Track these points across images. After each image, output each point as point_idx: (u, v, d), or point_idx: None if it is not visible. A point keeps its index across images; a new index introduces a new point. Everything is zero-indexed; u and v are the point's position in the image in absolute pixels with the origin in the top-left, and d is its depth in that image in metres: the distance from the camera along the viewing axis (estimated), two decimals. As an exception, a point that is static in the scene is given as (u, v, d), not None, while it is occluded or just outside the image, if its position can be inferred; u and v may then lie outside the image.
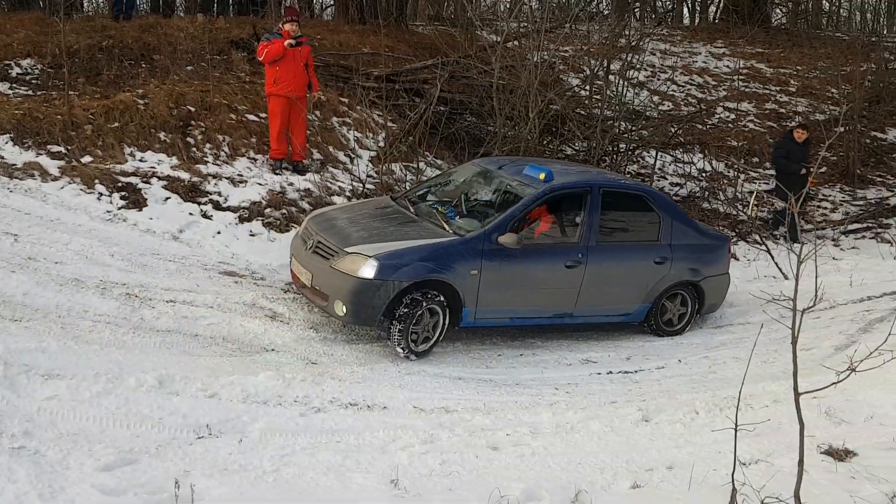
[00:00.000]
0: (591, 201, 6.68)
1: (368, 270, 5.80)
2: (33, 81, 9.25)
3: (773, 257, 9.19)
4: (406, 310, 5.89)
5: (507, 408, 5.28)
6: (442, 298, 6.03)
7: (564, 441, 4.78)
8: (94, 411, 4.29)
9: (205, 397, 4.74)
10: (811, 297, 4.81)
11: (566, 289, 6.61)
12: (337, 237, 6.21)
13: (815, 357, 6.06)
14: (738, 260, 9.37)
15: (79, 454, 3.89)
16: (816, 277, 3.57)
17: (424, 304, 5.94)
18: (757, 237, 10.13)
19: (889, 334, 4.01)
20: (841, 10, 25.51)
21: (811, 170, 9.83)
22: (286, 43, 8.43)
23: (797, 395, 3.47)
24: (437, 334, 6.13)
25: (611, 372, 6.30)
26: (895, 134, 14.42)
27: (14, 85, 9.10)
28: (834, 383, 3.49)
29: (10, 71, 9.32)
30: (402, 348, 5.98)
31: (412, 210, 6.79)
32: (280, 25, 8.77)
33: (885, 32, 19.92)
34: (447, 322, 6.14)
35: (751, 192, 11.18)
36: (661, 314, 7.23)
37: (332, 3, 20.75)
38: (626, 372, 6.31)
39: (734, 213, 10.98)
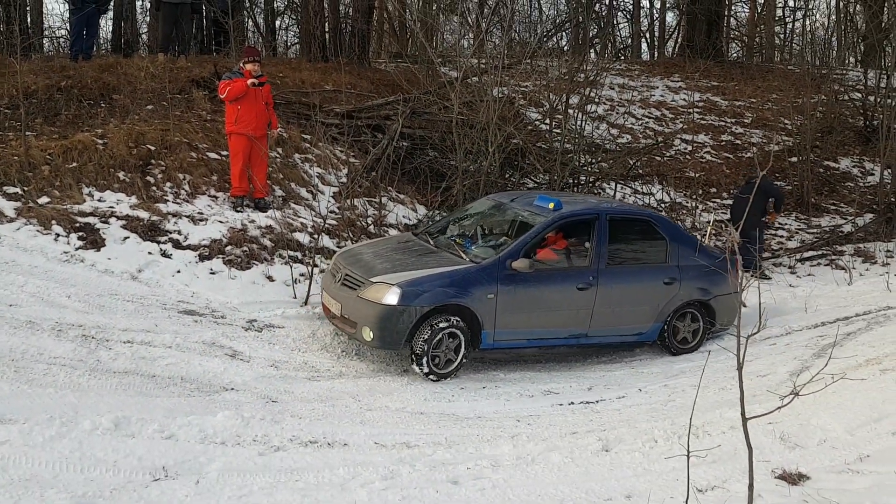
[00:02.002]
0: (599, 227, 7.13)
1: (392, 297, 6.30)
2: (-11, 122, 9.16)
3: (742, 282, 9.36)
4: (428, 333, 6.35)
5: (468, 441, 5.29)
6: (462, 322, 6.49)
7: (524, 473, 4.79)
8: (47, 456, 4.23)
9: (161, 439, 4.70)
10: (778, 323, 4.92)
11: (580, 310, 7.02)
12: (363, 269, 6.73)
13: (769, 383, 6.17)
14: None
15: (30, 500, 3.83)
16: (760, 305, 3.65)
17: (445, 327, 6.41)
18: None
19: (828, 359, 4.11)
20: (793, 44, 26.31)
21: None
22: (249, 82, 8.49)
23: (745, 420, 3.55)
24: (459, 357, 6.57)
25: (572, 402, 6.34)
26: (847, 163, 14.84)
27: (-30, 127, 9.01)
28: (778, 408, 3.58)
29: (-35, 113, 9.24)
30: (426, 371, 6.42)
31: (432, 242, 7.35)
32: (241, 65, 8.82)
33: (834, 66, 20.54)
34: (468, 345, 6.58)
35: (708, 222, 11.41)
36: (675, 333, 7.57)
37: (296, 41, 20.97)
38: (587, 402, 6.36)
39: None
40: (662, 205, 12.21)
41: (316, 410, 5.57)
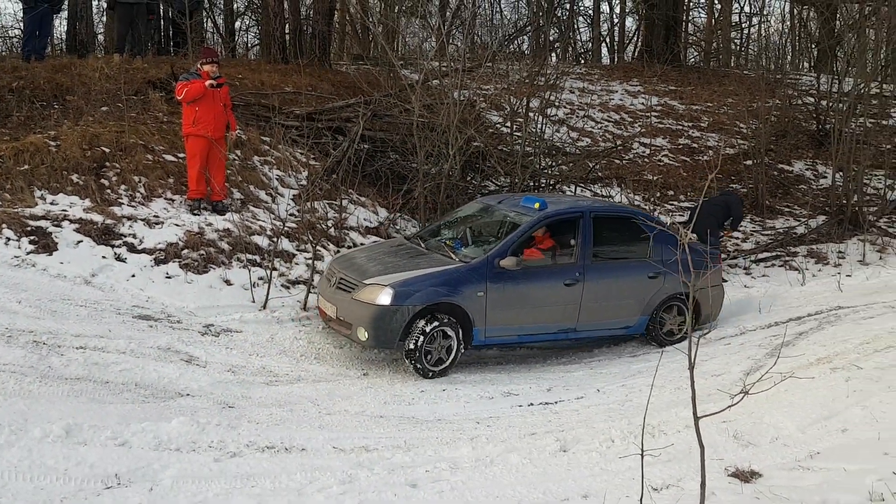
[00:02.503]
0: (583, 225, 7.40)
1: (385, 298, 6.56)
2: (-63, 124, 8.93)
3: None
4: (421, 332, 6.59)
5: (427, 444, 5.29)
6: (453, 320, 6.75)
7: (483, 475, 4.80)
8: (-6, 465, 4.12)
9: (115, 446, 4.62)
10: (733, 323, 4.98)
11: (567, 305, 7.28)
12: (356, 272, 6.98)
13: (723, 383, 6.27)
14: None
15: (-25, 511, 3.73)
16: (702, 308, 3.70)
17: (438, 326, 6.66)
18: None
19: (777, 359, 4.19)
20: (749, 50, 26.82)
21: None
22: (207, 83, 8.38)
23: (696, 419, 3.60)
24: (451, 354, 6.82)
25: (531, 403, 6.37)
26: (800, 166, 15.15)
27: (-84, 128, 8.77)
28: (728, 406, 3.65)
29: (-88, 114, 8.99)
30: (420, 368, 6.67)
31: (423, 246, 7.61)
32: (198, 66, 8.72)
33: (788, 71, 20.99)
34: (460, 342, 6.82)
35: (665, 224, 11.55)
36: (661, 326, 7.79)
37: (257, 43, 20.75)
38: (546, 403, 6.39)
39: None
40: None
41: (274, 415, 5.53)
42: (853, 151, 12.72)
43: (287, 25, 14.74)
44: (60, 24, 16.92)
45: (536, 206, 7.41)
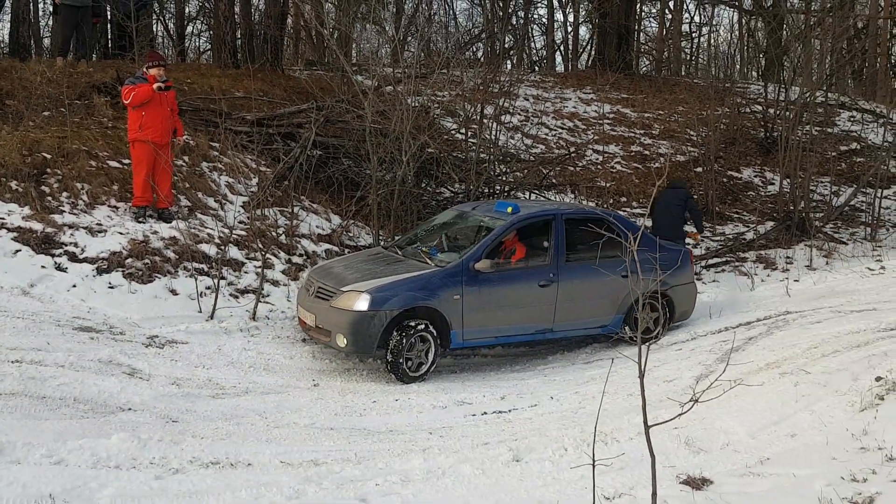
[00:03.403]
0: (556, 227, 7.57)
1: (362, 303, 6.67)
2: None
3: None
4: (398, 337, 6.71)
5: (378, 456, 5.18)
6: (431, 324, 6.85)
7: (434, 487, 4.71)
8: (-83, 488, 3.90)
9: (49, 464, 4.41)
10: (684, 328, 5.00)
11: (543, 306, 7.43)
12: (334, 280, 7.08)
13: (675, 388, 6.28)
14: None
15: None
16: (662, 311, 3.68)
17: (415, 330, 6.78)
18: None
19: (725, 366, 4.20)
20: (698, 59, 27.29)
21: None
22: (155, 86, 8.19)
23: (647, 428, 3.57)
24: (430, 359, 6.94)
25: (485, 413, 6.31)
26: (749, 173, 15.42)
27: None
28: (679, 415, 3.63)
29: None
30: (398, 374, 6.76)
31: (400, 253, 7.72)
32: (144, 70, 8.50)
33: (737, 79, 21.39)
34: (439, 345, 6.94)
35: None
36: (636, 324, 7.52)
37: (209, 48, 20.40)
38: (500, 412, 6.33)
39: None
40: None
41: (219, 430, 5.36)
42: (800, 159, 12.97)
43: (238, 29, 14.52)
44: (3, 27, 16.46)
45: (509, 210, 7.57)
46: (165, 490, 4.36)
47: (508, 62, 21.90)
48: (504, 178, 11.86)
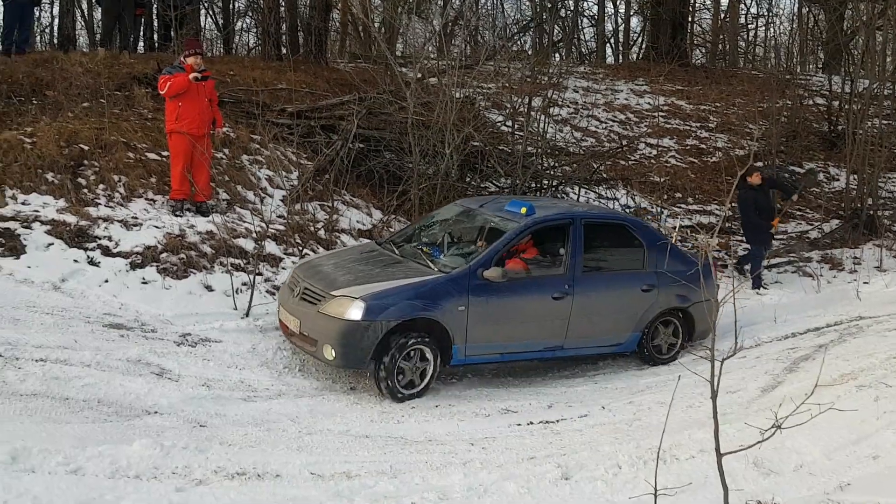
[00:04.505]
0: (573, 232, 6.75)
1: (356, 312, 5.86)
2: None
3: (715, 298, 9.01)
4: (395, 350, 5.91)
5: (415, 469, 4.81)
6: (430, 338, 6.08)
7: (475, 507, 4.33)
8: (-78, 498, 3.66)
9: (65, 473, 4.15)
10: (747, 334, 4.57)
11: (555, 321, 6.63)
12: (323, 282, 6.27)
13: (741, 400, 5.79)
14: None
15: None
16: (736, 326, 3.24)
17: (414, 343, 6.00)
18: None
19: (815, 386, 3.71)
20: (756, 49, 26.33)
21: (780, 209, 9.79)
22: (191, 76, 7.94)
23: (719, 456, 3.12)
24: (428, 375, 6.15)
25: (531, 422, 5.89)
26: (812, 168, 14.65)
27: None
28: (759, 442, 3.15)
29: None
30: (391, 391, 5.97)
31: (397, 252, 6.87)
32: (182, 59, 8.27)
33: (798, 70, 20.51)
34: (438, 361, 6.15)
35: (673, 228, 11.07)
36: (653, 343, 7.21)
37: (258, 44, 20.29)
38: (546, 422, 5.90)
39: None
40: (627, 210, 11.88)
41: (248, 436, 5.05)
42: (868, 153, 12.22)
43: (285, 23, 14.31)
44: (52, 19, 16.55)
45: (523, 210, 6.75)
46: (185, 504, 4.05)
47: (557, 54, 21.40)
48: (552, 173, 11.39)
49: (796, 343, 7.09)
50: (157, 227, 7.71)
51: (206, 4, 18.53)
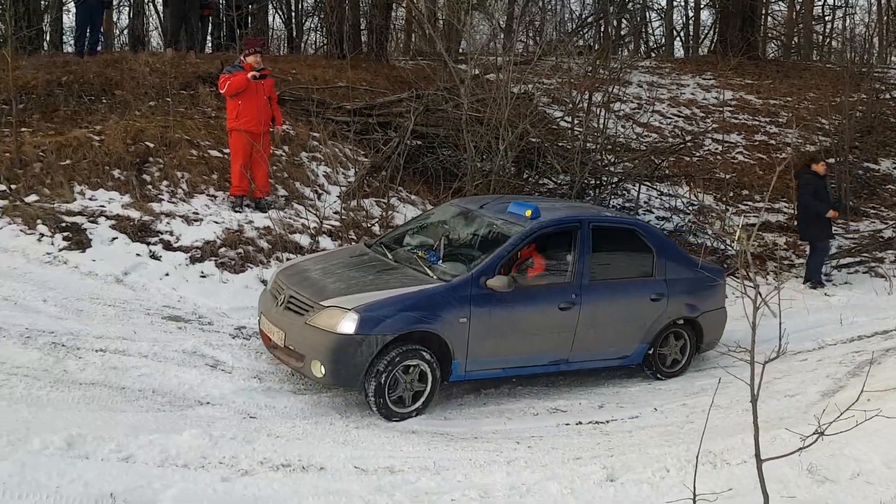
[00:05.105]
0: (581, 237, 6.30)
1: (348, 325, 5.33)
2: (-16, 119, 8.90)
3: (761, 295, 8.73)
4: (391, 367, 5.42)
5: (459, 466, 4.79)
6: (429, 352, 5.57)
7: (516, 506, 4.29)
8: (-18, 480, 3.82)
9: (117, 460, 4.27)
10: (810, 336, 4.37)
11: (561, 333, 6.18)
12: (311, 290, 5.73)
13: (799, 404, 5.59)
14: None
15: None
16: (780, 325, 3.12)
17: (411, 359, 5.51)
18: (745, 273, 9.68)
19: (861, 392, 3.54)
20: (832, 42, 25.40)
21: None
22: (250, 75, 8.11)
23: (759, 462, 3.01)
24: (426, 393, 5.63)
25: (580, 422, 5.81)
26: (888, 164, 14.05)
27: (-37, 123, 8.75)
28: (800, 449, 3.03)
29: (-40, 108, 8.98)
30: (385, 411, 5.49)
31: (390, 256, 6.33)
32: (242, 58, 8.45)
33: (875, 63, 19.67)
34: (437, 378, 5.62)
35: (738, 226, 10.76)
36: (661, 355, 6.85)
37: (325, 43, 20.62)
38: (596, 422, 5.82)
39: (722, 247, 10.55)
40: (690, 207, 11.61)
41: (296, 428, 5.11)
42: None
43: (347, 21, 14.48)
44: (127, 20, 17.12)
45: (528, 213, 6.24)
46: (230, 494, 4.13)
47: (624, 49, 21.03)
48: (612, 169, 11.21)
49: (862, 346, 6.81)
50: (216, 222, 7.90)
51: (274, 4, 18.90)
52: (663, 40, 25.51)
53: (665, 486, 4.52)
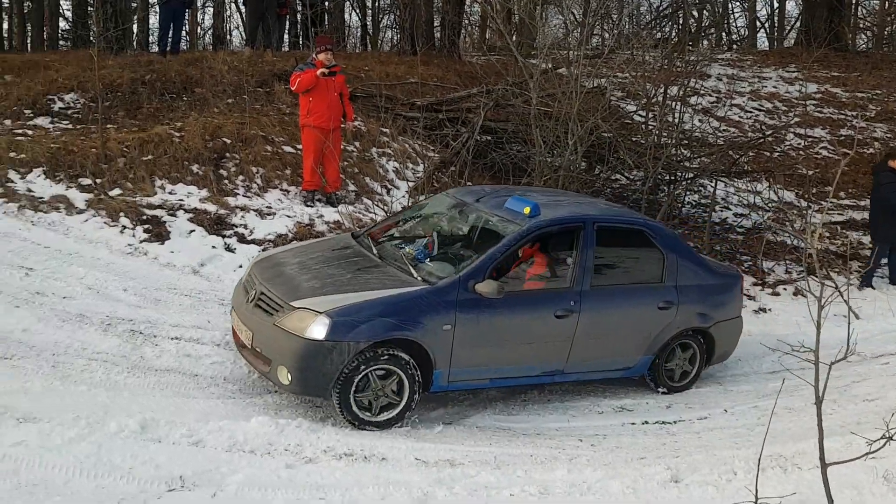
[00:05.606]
0: (584, 238, 5.77)
1: (319, 330, 4.89)
2: (74, 115, 9.32)
3: (842, 294, 8.39)
4: (364, 376, 5.03)
5: (519, 462, 4.79)
6: (408, 361, 5.13)
7: (575, 504, 4.25)
8: (61, 460, 4.02)
9: (187, 444, 4.43)
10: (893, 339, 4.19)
11: (556, 342, 5.68)
12: (283, 288, 5.29)
13: (878, 409, 5.35)
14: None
15: (30, 509, 3.61)
16: (849, 325, 3.00)
17: (386, 369, 5.10)
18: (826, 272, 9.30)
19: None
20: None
21: None
22: (319, 72, 8.26)
23: (824, 466, 2.90)
24: (402, 404, 5.18)
25: (646, 422, 5.73)
26: None
27: (55, 119, 9.18)
28: (866, 454, 2.90)
29: (52, 105, 9.43)
30: (357, 422, 5.07)
31: (375, 251, 5.84)
32: (313, 55, 8.62)
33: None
34: (416, 388, 5.20)
35: (816, 224, 10.35)
36: (666, 367, 6.35)
37: (400, 39, 20.85)
38: (663, 422, 5.72)
39: (802, 245, 10.17)
40: (770, 204, 11.22)
41: (359, 419, 5.19)
42: None
43: (420, 16, 14.57)
44: (211, 20, 17.65)
45: (526, 210, 5.69)
46: (293, 480, 4.23)
47: (705, 41, 20.49)
48: (687, 165, 10.94)
49: (950, 350, 6.48)
50: (288, 216, 8.09)
51: (350, 2, 19.19)
52: (746, 32, 24.77)
53: (731, 489, 4.40)
